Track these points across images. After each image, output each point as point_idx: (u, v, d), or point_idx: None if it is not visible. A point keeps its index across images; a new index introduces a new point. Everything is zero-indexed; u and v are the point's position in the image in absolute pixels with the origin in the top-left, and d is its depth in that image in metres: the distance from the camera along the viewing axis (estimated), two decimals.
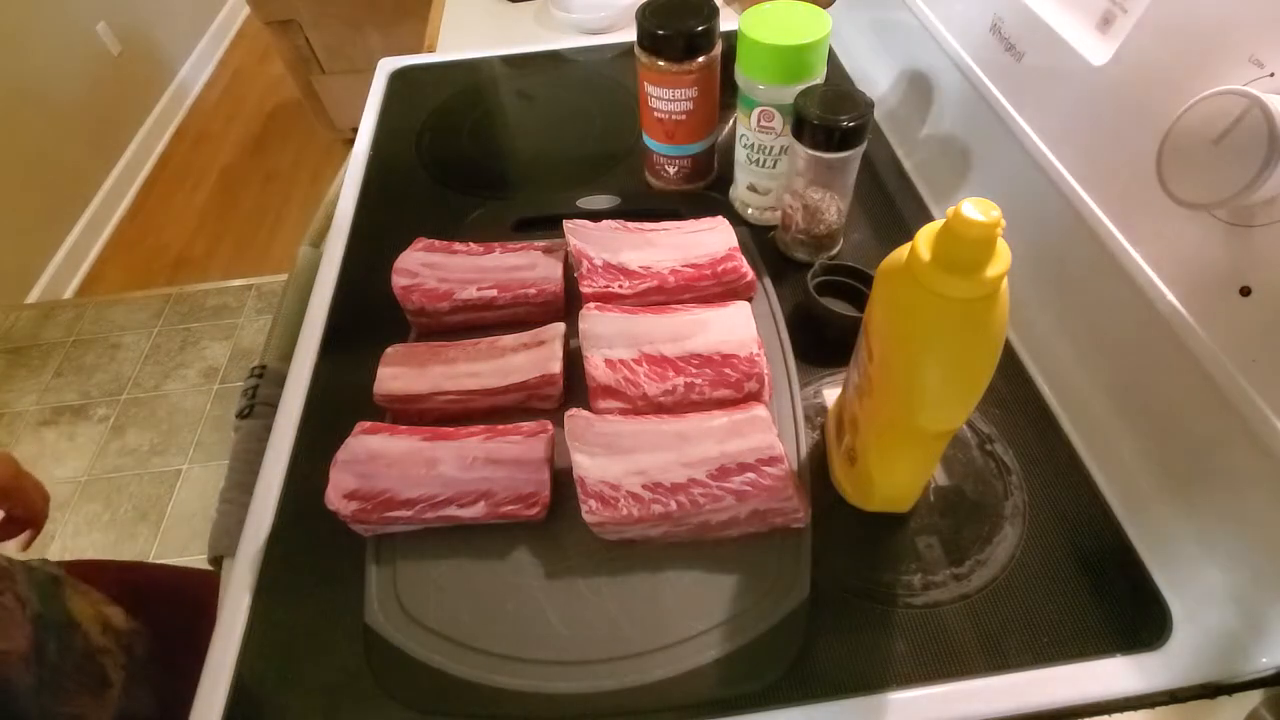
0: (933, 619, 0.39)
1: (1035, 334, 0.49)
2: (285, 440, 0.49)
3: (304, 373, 0.52)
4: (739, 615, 0.39)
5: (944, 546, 0.41)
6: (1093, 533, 0.41)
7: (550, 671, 0.38)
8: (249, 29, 2.91)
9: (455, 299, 0.51)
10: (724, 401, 0.45)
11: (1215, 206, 0.34)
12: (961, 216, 0.26)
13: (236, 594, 0.42)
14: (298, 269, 0.62)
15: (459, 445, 0.44)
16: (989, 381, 0.31)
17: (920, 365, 0.32)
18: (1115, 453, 0.43)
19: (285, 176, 2.31)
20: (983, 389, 0.32)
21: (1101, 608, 0.38)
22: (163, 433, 1.60)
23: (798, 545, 0.41)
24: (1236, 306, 0.34)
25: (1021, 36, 0.48)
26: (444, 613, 0.40)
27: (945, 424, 0.35)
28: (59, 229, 2.00)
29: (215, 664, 0.40)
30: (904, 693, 0.36)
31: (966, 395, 0.32)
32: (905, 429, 0.35)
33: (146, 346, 1.77)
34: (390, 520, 0.41)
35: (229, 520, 0.46)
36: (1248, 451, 0.35)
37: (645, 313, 0.48)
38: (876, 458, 0.38)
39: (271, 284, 1.90)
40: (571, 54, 0.82)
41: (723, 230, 0.53)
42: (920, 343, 0.31)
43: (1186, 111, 0.33)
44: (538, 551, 0.42)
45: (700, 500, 0.39)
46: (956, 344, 0.30)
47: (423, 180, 0.67)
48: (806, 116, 0.47)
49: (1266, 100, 0.29)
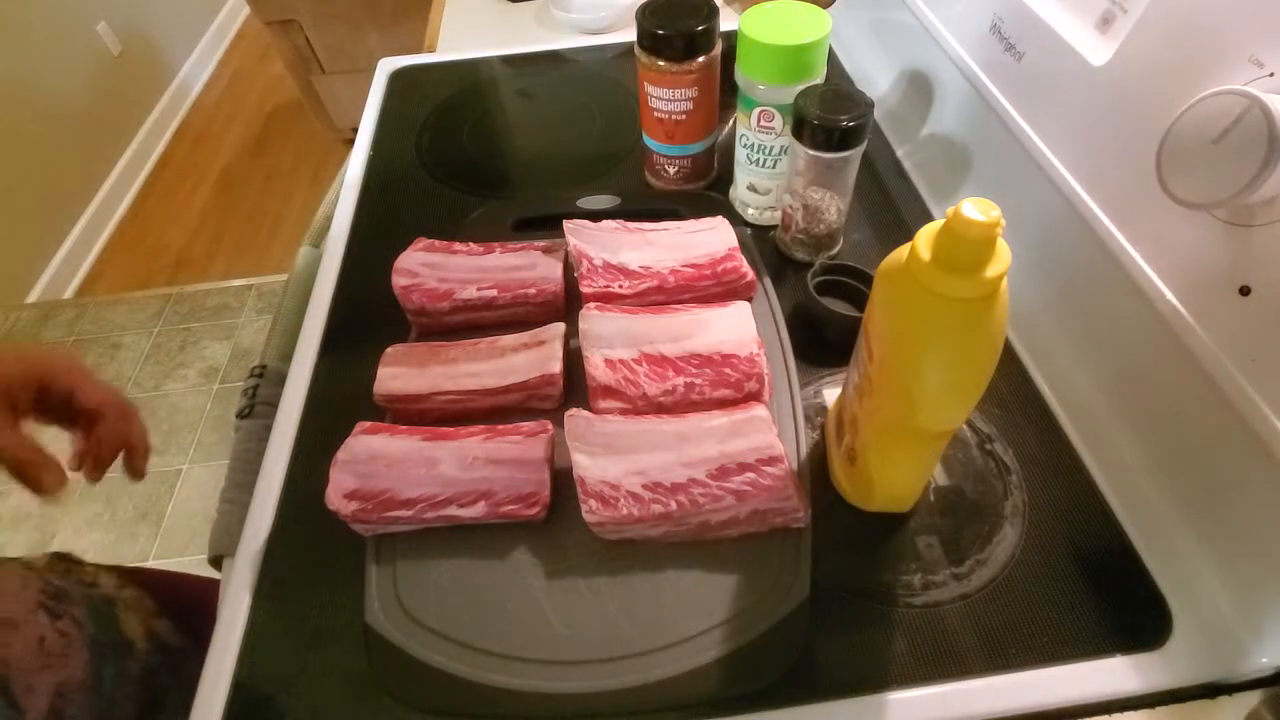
0: (933, 619, 0.39)
1: (1035, 334, 0.49)
2: (285, 440, 0.49)
3: (304, 373, 0.52)
4: (739, 615, 0.39)
5: (944, 546, 0.41)
6: (1093, 533, 0.41)
7: (550, 671, 0.38)
8: (249, 29, 2.91)
9: (455, 299, 0.51)
10: (724, 401, 0.45)
11: (1215, 206, 0.34)
12: (961, 216, 0.26)
13: (236, 594, 0.42)
14: (298, 269, 0.62)
15: (459, 445, 0.44)
16: (989, 381, 0.31)
17: (920, 365, 0.32)
18: (1115, 453, 0.43)
19: (285, 176, 2.31)
20: (982, 389, 0.32)
21: (1101, 608, 0.38)
22: (163, 433, 1.60)
23: (798, 545, 0.41)
24: (1236, 306, 0.34)
25: (1021, 36, 0.48)
26: (444, 613, 0.40)
27: (945, 424, 0.35)
28: (59, 229, 2.00)
29: (215, 664, 0.40)
30: (904, 693, 0.36)
31: (966, 395, 0.32)
32: (905, 429, 0.35)
33: (146, 346, 1.77)
34: (390, 520, 0.41)
35: (229, 520, 0.46)
36: (1247, 451, 0.35)
37: (645, 313, 0.48)
38: (876, 458, 0.38)
39: (271, 284, 1.90)
40: (571, 54, 0.82)
41: (723, 230, 0.53)
42: (920, 343, 0.31)
43: (1186, 111, 0.33)
44: (538, 551, 0.42)
45: (700, 500, 0.39)
46: (956, 344, 0.30)
47: (423, 180, 0.67)
48: (806, 116, 0.47)
49: (1266, 100, 0.29)
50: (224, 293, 1.90)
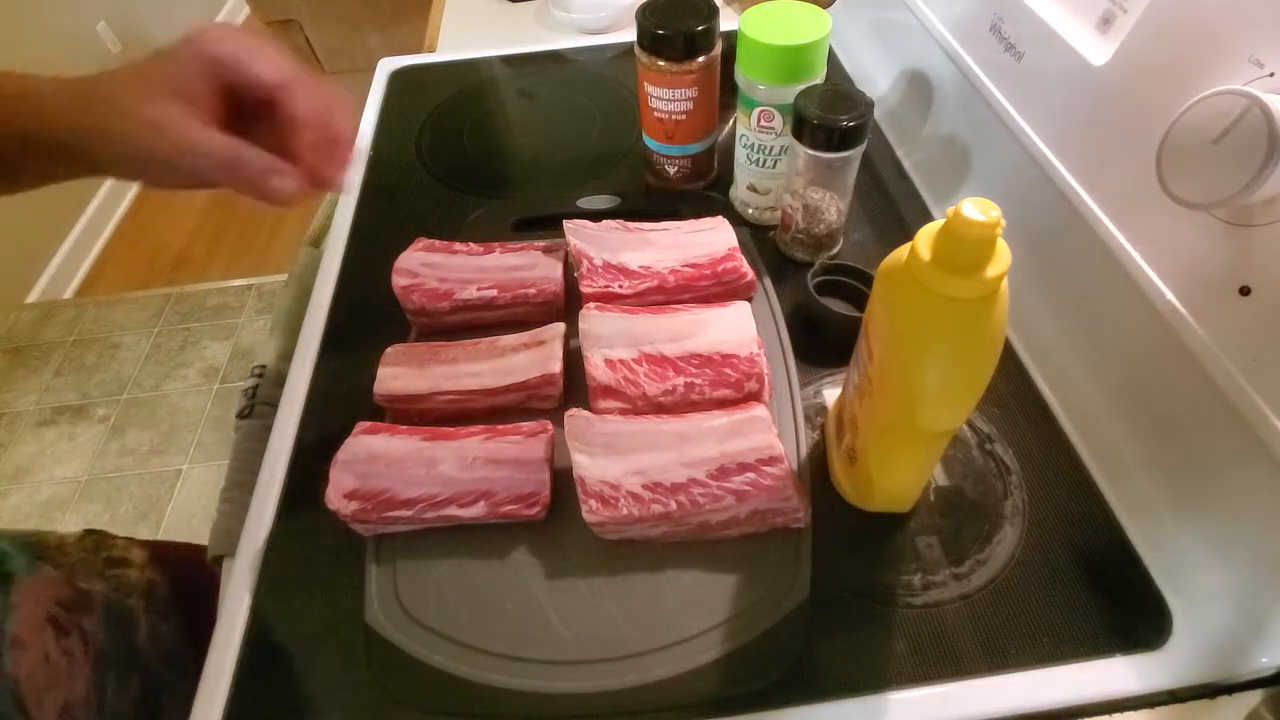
0: (933, 619, 0.39)
1: (1035, 334, 0.49)
2: (285, 440, 0.49)
3: (304, 373, 0.52)
4: (739, 615, 0.39)
5: (944, 546, 0.41)
6: (1093, 533, 0.41)
7: (550, 671, 0.38)
8: (249, 29, 2.90)
9: (455, 299, 0.51)
10: (724, 401, 0.45)
11: (1215, 206, 0.34)
12: (961, 216, 0.26)
13: (236, 594, 0.42)
14: (298, 269, 0.62)
15: (459, 445, 0.44)
16: (989, 381, 0.31)
17: (920, 365, 0.32)
18: (1115, 452, 0.43)
19: None
20: (982, 389, 0.32)
21: (1101, 608, 0.38)
22: (163, 433, 1.60)
23: (798, 545, 0.41)
24: (1236, 306, 0.34)
25: (1021, 36, 0.48)
26: (444, 613, 0.40)
27: (945, 424, 0.35)
28: (59, 229, 2.00)
29: (215, 664, 0.40)
30: (904, 693, 0.36)
31: (966, 395, 0.32)
32: (905, 429, 0.35)
33: (146, 346, 1.77)
34: (390, 520, 0.41)
35: (229, 520, 0.46)
36: (1247, 451, 0.35)
37: (645, 313, 0.48)
38: (876, 458, 0.38)
39: (271, 284, 1.90)
40: (571, 54, 0.82)
41: (723, 230, 0.53)
42: (920, 343, 0.31)
43: (1186, 111, 0.33)
44: (538, 551, 0.42)
45: (700, 500, 0.39)
46: (956, 344, 0.30)
47: (423, 180, 0.67)
48: (806, 116, 0.47)
49: (1266, 100, 0.29)
50: (224, 293, 1.90)
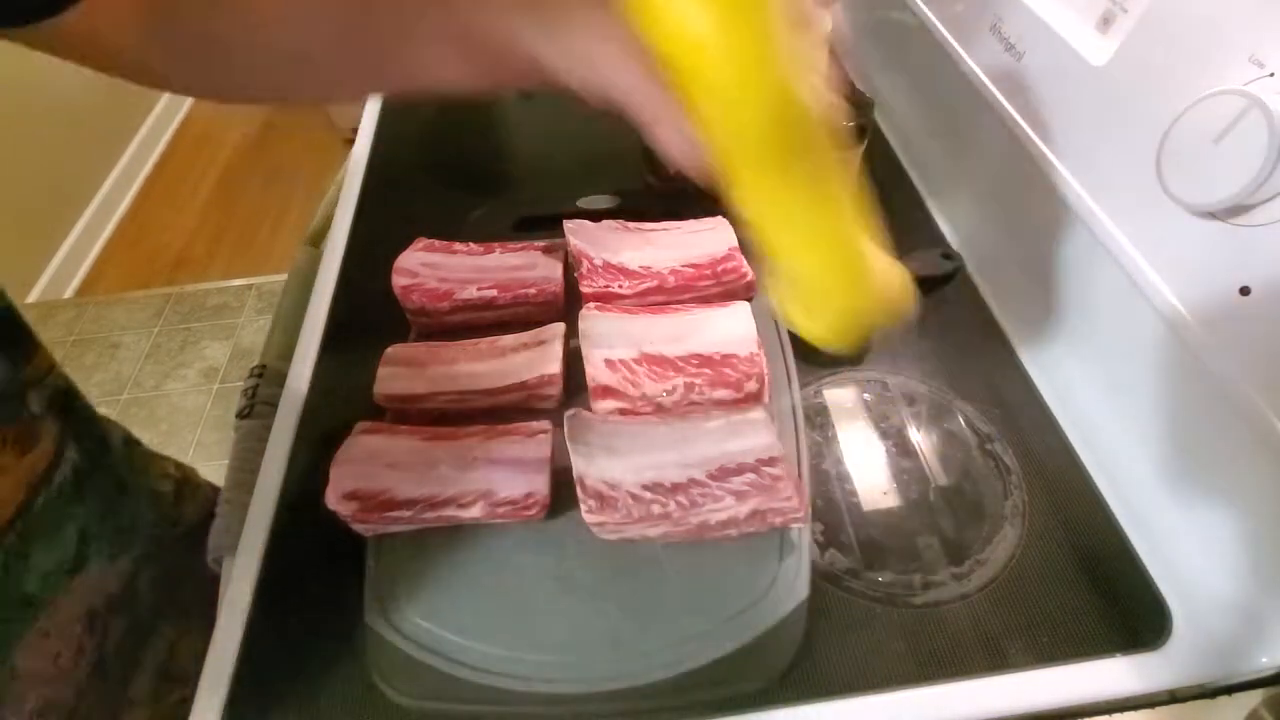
0: (932, 619, 0.39)
1: (1034, 334, 0.49)
2: (285, 440, 0.49)
3: (304, 373, 0.52)
4: (739, 615, 0.39)
5: (944, 546, 0.41)
6: (1093, 533, 0.41)
7: (550, 671, 0.38)
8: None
9: (455, 299, 0.51)
10: (724, 401, 0.45)
11: (1215, 206, 0.34)
12: None
13: (236, 594, 0.42)
14: (298, 269, 0.62)
15: (459, 445, 0.44)
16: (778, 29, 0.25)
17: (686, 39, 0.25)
18: (1115, 453, 0.43)
19: (285, 176, 2.31)
20: (771, 37, 0.25)
21: (1101, 608, 0.38)
22: (163, 433, 1.60)
23: (798, 545, 0.41)
24: (1236, 306, 0.34)
25: (1021, 36, 0.48)
26: (444, 613, 0.40)
27: (753, 90, 0.27)
28: (59, 229, 2.00)
29: (215, 664, 0.40)
30: (904, 693, 0.36)
31: (750, 46, 0.26)
32: (734, 134, 0.29)
33: (146, 346, 1.77)
34: (390, 520, 0.41)
35: (229, 520, 0.46)
36: (1247, 451, 0.35)
37: (645, 313, 0.48)
38: (757, 216, 0.30)
39: (271, 284, 1.90)
40: None
41: (723, 230, 0.53)
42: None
43: (1186, 111, 0.33)
44: (538, 551, 0.42)
45: (700, 500, 0.39)
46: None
47: (423, 180, 0.67)
48: None
49: (1266, 100, 0.29)
50: (224, 293, 1.90)
